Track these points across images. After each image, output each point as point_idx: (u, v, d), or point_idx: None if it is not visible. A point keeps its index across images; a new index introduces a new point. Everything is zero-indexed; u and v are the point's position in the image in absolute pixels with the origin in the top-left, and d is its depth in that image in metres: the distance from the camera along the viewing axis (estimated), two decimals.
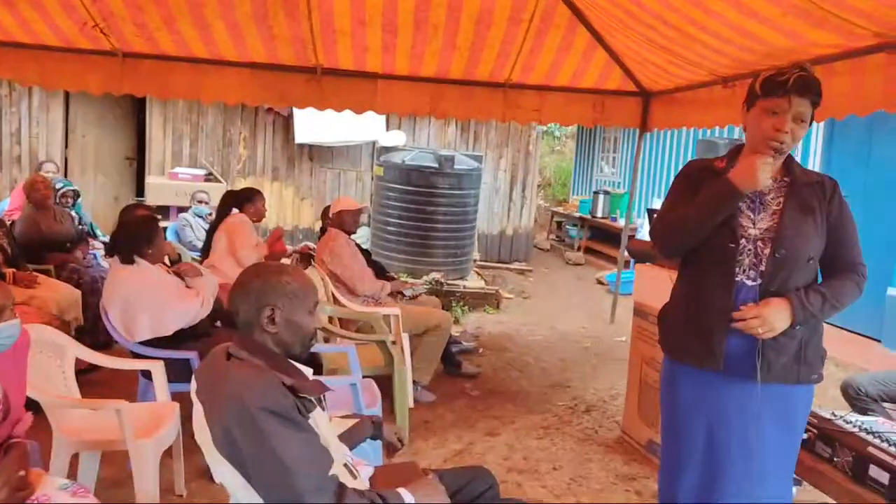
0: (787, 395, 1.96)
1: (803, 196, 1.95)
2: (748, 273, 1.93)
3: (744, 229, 1.95)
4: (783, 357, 1.92)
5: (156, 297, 3.15)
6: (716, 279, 1.95)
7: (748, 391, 1.94)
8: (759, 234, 1.94)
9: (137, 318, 3.09)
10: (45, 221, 4.87)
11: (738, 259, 1.93)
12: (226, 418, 1.51)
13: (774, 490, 1.99)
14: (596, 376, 4.93)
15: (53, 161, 7.46)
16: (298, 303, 1.68)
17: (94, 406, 2.66)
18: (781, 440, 1.98)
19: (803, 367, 1.95)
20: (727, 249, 1.93)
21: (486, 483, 2.00)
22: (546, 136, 17.07)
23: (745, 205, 1.97)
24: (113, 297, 3.11)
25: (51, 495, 1.83)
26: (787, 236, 1.91)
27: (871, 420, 2.44)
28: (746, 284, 1.93)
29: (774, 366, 1.92)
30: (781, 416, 1.97)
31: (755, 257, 1.93)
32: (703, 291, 1.99)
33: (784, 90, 1.84)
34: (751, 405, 1.94)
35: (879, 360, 5.22)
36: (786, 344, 1.92)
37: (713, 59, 3.83)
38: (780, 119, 1.86)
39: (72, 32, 4.35)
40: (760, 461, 1.95)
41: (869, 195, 6.14)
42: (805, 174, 2.01)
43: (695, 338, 1.99)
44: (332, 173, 9.14)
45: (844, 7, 2.61)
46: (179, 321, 3.19)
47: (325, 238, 4.39)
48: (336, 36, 4.47)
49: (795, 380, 1.95)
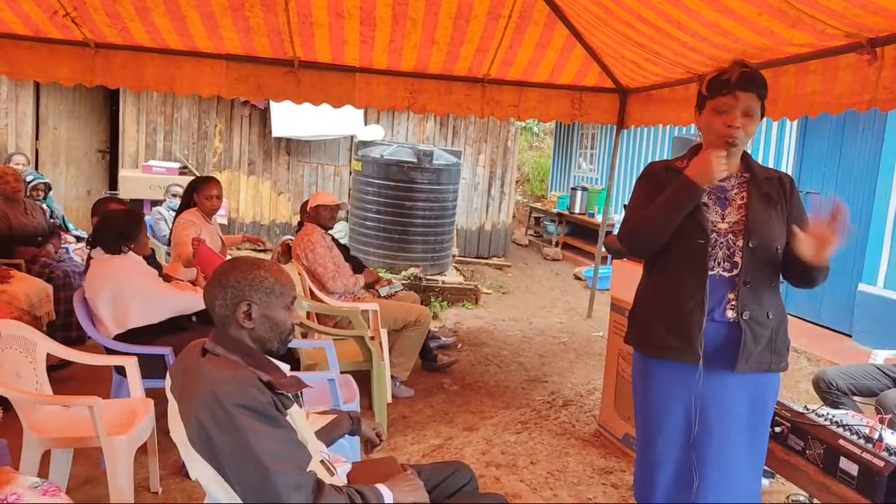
0: (761, 382, 2.03)
1: (764, 189, 2.03)
2: (723, 265, 1.99)
3: (713, 224, 2.00)
4: (759, 346, 1.98)
5: (146, 283, 3.16)
6: (690, 274, 1.99)
7: (725, 381, 1.99)
8: (729, 227, 2.00)
9: (130, 304, 3.07)
10: (15, 215, 4.76)
11: (712, 252, 1.98)
12: (201, 415, 1.49)
13: (748, 475, 2.06)
14: (573, 371, 4.97)
15: (24, 153, 7.29)
16: (275, 298, 1.67)
17: (66, 402, 2.62)
18: (755, 426, 2.05)
19: (774, 355, 2.02)
20: (698, 245, 1.98)
21: (464, 478, 1.99)
22: (525, 132, 17.12)
23: (711, 201, 2.03)
24: (101, 287, 3.05)
25: (21, 494, 1.80)
26: (758, 227, 1.98)
27: (841, 413, 2.49)
28: (723, 276, 1.99)
29: (752, 356, 1.97)
30: (754, 403, 2.03)
31: (728, 249, 1.99)
32: (677, 287, 2.01)
33: (729, 88, 1.91)
34: (727, 394, 2.00)
35: (850, 355, 5.34)
36: (762, 333, 1.98)
37: (689, 57, 3.87)
38: (730, 116, 1.92)
39: (41, 21, 4.25)
40: (737, 448, 2.02)
41: (840, 192, 6.26)
42: (763, 170, 2.08)
43: (672, 333, 2.01)
44: (309, 167, 9.07)
45: (817, 7, 2.65)
46: (172, 307, 3.20)
47: (301, 233, 4.35)
48: (313, 28, 4.43)
49: (768, 368, 2.01)
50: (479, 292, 7.11)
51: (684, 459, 2.04)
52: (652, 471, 2.10)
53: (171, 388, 1.65)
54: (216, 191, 4.24)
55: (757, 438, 2.06)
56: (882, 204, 5.70)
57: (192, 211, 4.22)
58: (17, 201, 4.84)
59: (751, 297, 1.98)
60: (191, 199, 4.26)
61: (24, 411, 2.45)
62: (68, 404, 2.62)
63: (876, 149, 5.89)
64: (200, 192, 4.22)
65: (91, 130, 9.23)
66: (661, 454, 2.07)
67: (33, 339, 2.72)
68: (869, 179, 5.96)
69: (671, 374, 2.04)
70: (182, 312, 3.26)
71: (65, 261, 4.88)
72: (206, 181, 4.29)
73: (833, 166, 6.40)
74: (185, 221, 4.13)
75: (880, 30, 2.68)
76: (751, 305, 1.97)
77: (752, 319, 1.97)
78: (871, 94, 2.79)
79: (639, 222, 2.05)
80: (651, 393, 2.10)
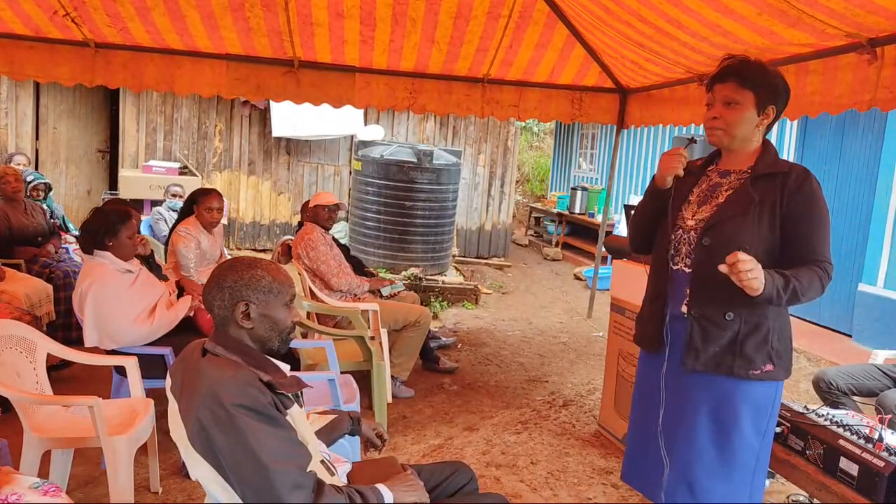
0: (727, 389, 1.95)
1: (756, 187, 1.92)
2: (685, 261, 2.02)
3: (682, 220, 2.04)
4: (712, 346, 1.94)
5: (107, 302, 2.96)
6: (660, 269, 2.09)
7: (683, 377, 2.01)
8: (695, 223, 2.00)
9: (85, 317, 2.95)
10: (15, 215, 4.77)
11: (676, 248, 2.03)
12: (201, 415, 1.49)
13: (711, 481, 1.97)
14: (573, 371, 4.97)
15: (24, 153, 7.28)
16: (273, 297, 1.66)
17: (67, 402, 2.62)
18: (719, 433, 1.97)
19: (739, 359, 1.92)
20: (665, 240, 2.07)
21: (465, 478, 1.99)
22: (525, 131, 17.12)
23: (696, 198, 2.06)
24: (76, 293, 3.02)
25: (21, 494, 1.80)
26: (715, 226, 1.94)
27: (841, 413, 2.49)
28: (684, 272, 2.02)
29: (702, 354, 1.95)
30: (714, 407, 1.96)
31: (689, 246, 2.00)
32: (652, 282, 2.16)
33: (708, 84, 1.99)
34: (683, 390, 2.02)
35: (850, 355, 5.34)
36: (715, 334, 1.93)
37: (689, 57, 3.87)
38: (712, 109, 1.98)
39: (42, 21, 4.25)
40: (699, 451, 1.97)
41: (841, 192, 6.26)
42: (774, 164, 1.95)
43: (645, 324, 2.15)
44: (309, 167, 9.07)
45: (817, 7, 2.65)
46: (123, 338, 3.02)
47: (301, 233, 4.35)
48: (313, 28, 4.43)
49: (729, 371, 1.93)
50: (479, 292, 7.11)
51: (657, 451, 2.08)
52: (632, 454, 2.24)
53: (171, 387, 1.64)
54: (217, 203, 4.17)
55: (724, 448, 1.96)
56: (882, 204, 5.70)
57: (191, 220, 4.17)
58: (18, 201, 4.85)
59: (702, 295, 1.95)
60: (192, 208, 4.22)
61: (24, 411, 2.45)
62: (68, 404, 2.62)
63: (876, 148, 5.89)
64: (200, 203, 4.16)
65: (91, 130, 9.23)
66: (638, 438, 2.20)
67: (33, 339, 2.72)
68: (869, 179, 5.96)
69: (648, 364, 2.17)
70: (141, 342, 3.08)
71: (65, 261, 4.88)
72: (207, 193, 4.20)
73: (833, 166, 6.40)
74: (183, 234, 4.07)
75: (880, 30, 2.68)
76: (702, 304, 1.94)
77: (701, 317, 1.94)
78: (871, 94, 2.79)
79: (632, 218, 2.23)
80: (637, 382, 2.25)
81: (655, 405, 2.08)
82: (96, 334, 2.99)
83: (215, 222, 4.20)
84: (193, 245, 4.06)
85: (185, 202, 4.34)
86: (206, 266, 4.16)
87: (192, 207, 4.21)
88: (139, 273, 3.19)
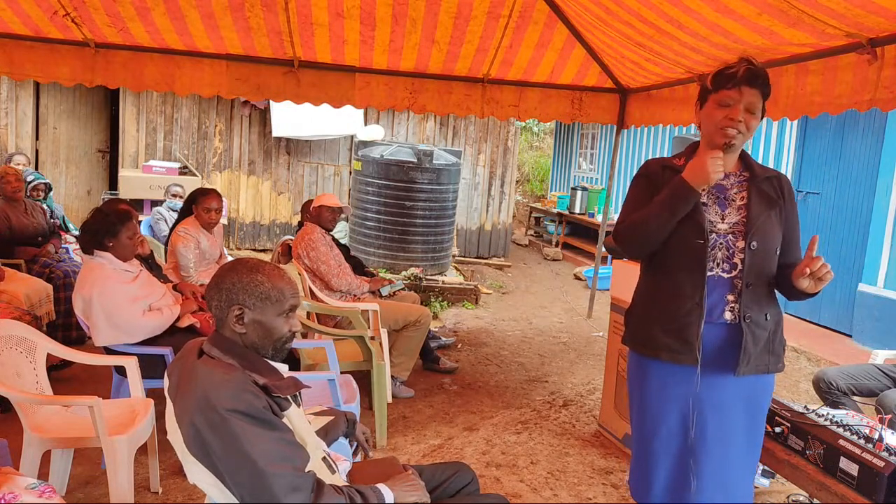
0: (757, 384, 2.03)
1: (764, 189, 2.01)
2: (722, 266, 1.97)
3: (713, 224, 1.98)
4: (758, 348, 1.98)
5: (113, 300, 2.98)
6: (688, 275, 1.97)
7: (723, 383, 1.98)
8: (729, 227, 1.98)
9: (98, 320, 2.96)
10: (15, 215, 4.77)
11: (711, 253, 1.97)
12: (195, 419, 1.48)
13: (744, 476, 2.06)
14: (573, 371, 4.97)
15: (24, 153, 7.29)
16: (270, 304, 1.62)
17: (67, 402, 2.62)
18: (751, 428, 2.05)
19: (772, 357, 2.02)
20: (697, 246, 1.95)
21: (465, 479, 1.99)
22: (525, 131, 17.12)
23: (711, 201, 2.01)
24: (76, 291, 3.03)
25: (18, 494, 1.80)
26: (758, 228, 1.96)
27: (841, 413, 2.49)
28: (722, 278, 1.97)
29: (753, 358, 1.97)
30: (750, 405, 2.03)
31: (727, 250, 1.97)
32: (675, 288, 1.99)
33: (734, 82, 1.89)
34: (725, 397, 1.99)
35: (850, 355, 5.34)
36: (761, 335, 1.98)
37: (689, 57, 3.87)
38: (733, 109, 1.91)
39: (42, 21, 4.25)
40: (734, 451, 2.02)
41: (841, 193, 6.26)
42: (763, 169, 2.06)
43: (669, 334, 1.99)
44: (309, 167, 9.07)
45: (818, 7, 2.65)
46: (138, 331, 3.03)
47: (301, 233, 4.35)
48: (313, 28, 4.43)
49: (766, 369, 2.01)
50: (479, 292, 7.11)
51: (680, 460, 2.03)
52: (649, 472, 2.09)
53: (168, 388, 1.64)
54: (215, 204, 4.18)
55: (753, 440, 2.06)
56: (882, 204, 5.70)
57: (190, 220, 4.18)
58: (18, 201, 4.85)
59: (752, 300, 1.97)
60: (191, 208, 4.23)
61: (24, 411, 2.45)
62: (68, 404, 2.62)
63: (876, 149, 5.89)
64: (199, 203, 4.17)
65: (91, 130, 9.23)
66: (657, 456, 2.06)
67: (33, 339, 2.72)
68: (869, 179, 5.95)
69: (667, 375, 2.02)
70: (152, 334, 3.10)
71: (65, 261, 4.88)
72: (205, 193, 4.21)
73: (833, 166, 6.40)
74: (183, 234, 4.08)
75: (880, 30, 2.68)
76: (752, 307, 1.96)
77: (752, 322, 1.96)
78: (872, 94, 2.79)
79: (635, 223, 2.02)
80: (647, 394, 2.08)
81: (677, 419, 2.02)
82: (111, 332, 3.00)
83: (214, 222, 4.21)
84: (193, 245, 4.08)
85: (184, 202, 4.37)
86: (206, 266, 4.17)
87: (191, 208, 4.23)
88: (139, 273, 3.20)
